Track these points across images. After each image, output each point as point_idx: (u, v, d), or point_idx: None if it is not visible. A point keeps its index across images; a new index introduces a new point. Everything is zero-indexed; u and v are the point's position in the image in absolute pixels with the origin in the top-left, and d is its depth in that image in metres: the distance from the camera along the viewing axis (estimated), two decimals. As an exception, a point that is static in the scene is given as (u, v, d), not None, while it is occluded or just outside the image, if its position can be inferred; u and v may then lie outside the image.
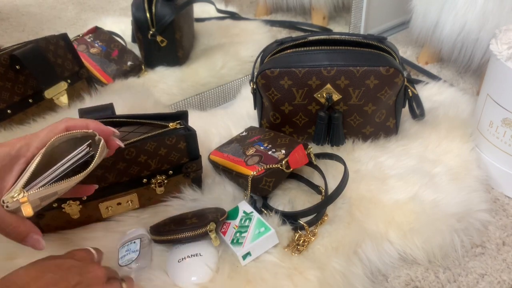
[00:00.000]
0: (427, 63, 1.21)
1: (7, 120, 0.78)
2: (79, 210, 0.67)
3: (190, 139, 0.69)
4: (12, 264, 0.63)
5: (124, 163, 0.66)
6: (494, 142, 0.79)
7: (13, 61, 0.76)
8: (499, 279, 0.67)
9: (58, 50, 0.82)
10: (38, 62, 0.78)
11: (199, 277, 0.60)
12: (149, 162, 0.68)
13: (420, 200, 0.72)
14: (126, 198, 0.70)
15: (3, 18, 0.84)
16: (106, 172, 0.65)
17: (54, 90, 0.81)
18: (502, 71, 0.74)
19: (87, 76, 0.88)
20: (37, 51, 0.78)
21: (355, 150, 0.84)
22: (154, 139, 0.66)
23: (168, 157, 0.69)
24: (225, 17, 1.16)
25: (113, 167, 0.65)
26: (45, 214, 0.66)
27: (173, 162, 0.70)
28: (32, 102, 0.80)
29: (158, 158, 0.68)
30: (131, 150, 0.65)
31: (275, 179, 0.71)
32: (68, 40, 0.84)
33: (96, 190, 0.65)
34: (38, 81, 0.79)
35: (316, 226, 0.69)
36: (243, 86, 1.06)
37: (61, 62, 0.82)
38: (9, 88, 0.77)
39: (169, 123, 0.69)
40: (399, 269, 0.69)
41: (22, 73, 0.78)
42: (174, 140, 0.68)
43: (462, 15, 1.00)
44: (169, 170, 0.71)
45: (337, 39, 0.79)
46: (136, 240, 0.64)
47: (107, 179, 0.66)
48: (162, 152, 0.68)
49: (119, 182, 0.68)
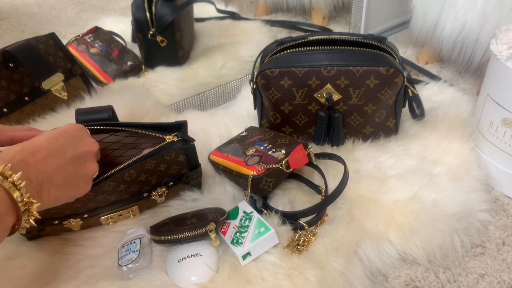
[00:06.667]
0: (427, 63, 1.21)
1: (3, 119, 0.77)
2: (80, 224, 0.67)
3: (189, 151, 0.68)
4: (12, 264, 0.63)
5: (125, 185, 0.65)
6: (494, 142, 0.79)
7: (6, 58, 0.76)
8: (499, 279, 0.67)
9: (49, 48, 0.81)
10: (31, 56, 0.78)
11: (199, 277, 0.60)
12: (150, 179, 0.67)
13: (420, 200, 0.72)
14: (127, 210, 0.70)
15: (3, 18, 0.84)
16: (108, 195, 0.65)
17: (51, 81, 0.80)
18: (502, 71, 0.74)
19: (81, 73, 0.87)
20: (29, 46, 0.78)
21: (355, 150, 0.84)
22: (153, 157, 0.65)
23: (168, 171, 0.69)
24: (225, 17, 1.16)
25: (114, 190, 0.65)
26: (46, 229, 0.66)
27: (173, 175, 0.70)
28: (28, 100, 0.80)
29: (158, 173, 0.68)
30: (131, 172, 0.64)
31: (275, 179, 0.71)
32: (56, 38, 0.84)
33: (98, 208, 0.65)
34: (33, 75, 0.78)
35: (316, 226, 0.69)
36: (243, 86, 1.06)
37: (53, 59, 0.82)
38: (5, 86, 0.77)
39: (166, 135, 0.67)
40: (399, 269, 0.69)
41: (17, 71, 0.78)
42: (174, 154, 0.67)
43: (462, 15, 1.00)
44: (169, 182, 0.70)
45: (337, 39, 0.79)
46: (136, 240, 0.64)
47: (109, 200, 0.66)
48: (162, 168, 0.67)
49: (120, 200, 0.67)
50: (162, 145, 0.66)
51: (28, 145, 0.49)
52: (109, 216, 0.68)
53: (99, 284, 0.60)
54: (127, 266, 0.61)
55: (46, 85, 0.80)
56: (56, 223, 0.65)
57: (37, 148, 0.49)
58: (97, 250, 0.66)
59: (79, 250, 0.66)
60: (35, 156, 0.48)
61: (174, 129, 0.69)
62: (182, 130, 0.70)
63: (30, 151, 0.48)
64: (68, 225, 0.66)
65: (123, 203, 0.68)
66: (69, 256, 0.65)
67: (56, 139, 0.52)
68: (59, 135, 0.53)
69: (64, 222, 0.65)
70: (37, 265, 0.64)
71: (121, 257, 0.62)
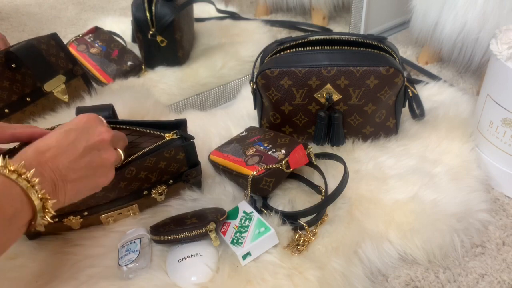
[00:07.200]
0: (427, 63, 1.21)
1: (5, 119, 0.77)
2: (80, 222, 0.67)
3: (188, 148, 0.68)
4: (12, 264, 0.63)
5: (125, 182, 0.65)
6: (494, 142, 0.79)
7: (8, 59, 0.76)
8: (499, 279, 0.67)
9: (50, 48, 0.81)
10: (34, 56, 0.78)
11: (199, 277, 0.60)
12: (150, 176, 0.67)
13: (420, 200, 0.72)
14: (127, 208, 0.70)
15: (3, 18, 0.84)
16: (108, 192, 0.65)
17: (53, 83, 0.80)
18: (502, 71, 0.74)
19: (82, 73, 0.87)
20: (31, 47, 0.78)
21: (355, 150, 0.84)
22: (153, 154, 0.65)
23: (168, 169, 0.69)
24: (225, 17, 1.16)
25: (114, 187, 0.65)
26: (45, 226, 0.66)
27: (173, 172, 0.70)
28: (30, 100, 0.80)
29: (158, 171, 0.68)
30: (131, 169, 0.64)
31: (275, 179, 0.71)
32: (58, 39, 0.84)
33: (97, 205, 0.65)
34: (35, 76, 0.78)
35: (316, 226, 0.69)
36: (243, 86, 1.06)
37: (54, 60, 0.82)
38: (7, 87, 0.77)
39: (166, 133, 0.67)
40: (399, 269, 0.69)
41: (19, 72, 0.78)
42: (173, 152, 0.67)
43: (462, 15, 1.00)
44: (169, 180, 0.70)
45: (337, 39, 0.79)
46: (136, 240, 0.64)
47: (108, 197, 0.66)
48: (162, 165, 0.67)
49: (120, 197, 0.67)
50: (162, 143, 0.66)
51: (40, 144, 0.50)
52: (109, 214, 0.68)
53: (99, 284, 0.60)
54: (127, 266, 0.61)
55: (48, 87, 0.80)
56: (55, 221, 0.65)
57: (47, 147, 0.50)
58: (97, 250, 0.66)
59: (79, 250, 0.66)
60: (46, 155, 0.49)
61: (174, 127, 0.69)
62: (182, 128, 0.70)
63: (42, 150, 0.49)
64: (68, 222, 0.66)
65: (123, 201, 0.68)
66: (69, 256, 0.65)
67: (67, 135, 0.52)
68: (70, 130, 0.53)
69: (64, 220, 0.65)
70: (37, 265, 0.64)
71: (121, 257, 0.62)
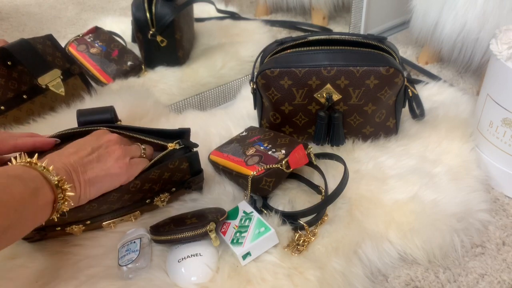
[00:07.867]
0: (427, 63, 1.21)
1: (0, 117, 0.78)
2: (82, 230, 0.67)
3: (192, 159, 0.68)
4: (12, 264, 0.63)
5: (129, 195, 0.65)
6: (494, 142, 0.79)
7: (3, 56, 0.76)
8: (499, 279, 0.67)
9: (46, 48, 0.81)
10: (27, 52, 0.78)
11: (199, 277, 0.60)
12: (153, 187, 0.67)
13: (420, 200, 0.72)
14: (129, 215, 0.70)
15: (3, 18, 0.84)
16: (112, 205, 0.65)
17: (48, 77, 0.80)
18: (502, 71, 0.74)
19: (80, 72, 0.87)
20: (26, 43, 0.78)
21: (355, 150, 0.84)
22: (157, 166, 0.65)
23: (172, 179, 0.68)
24: (225, 17, 1.16)
25: (119, 199, 0.65)
26: (48, 234, 0.66)
27: (176, 181, 0.70)
28: (27, 98, 0.80)
29: (162, 181, 0.68)
30: (136, 182, 0.64)
31: (275, 179, 0.71)
32: (53, 40, 0.84)
33: (100, 215, 0.65)
34: (29, 70, 0.79)
35: (316, 226, 0.69)
36: (243, 86, 1.06)
37: (51, 59, 0.82)
38: (2, 84, 0.77)
39: (168, 142, 0.66)
40: (399, 269, 0.69)
41: (15, 69, 0.78)
42: (177, 162, 0.67)
43: (462, 15, 1.00)
44: (172, 188, 0.70)
45: (337, 39, 0.79)
46: (136, 240, 0.64)
47: (112, 208, 0.66)
48: (166, 176, 0.67)
49: (123, 207, 0.68)
50: (165, 153, 0.66)
51: (53, 152, 0.58)
52: (111, 221, 0.68)
53: (99, 284, 0.60)
54: (127, 266, 0.61)
55: (43, 81, 0.80)
56: (58, 229, 0.65)
57: (60, 152, 0.58)
58: (97, 250, 0.66)
59: (79, 250, 0.66)
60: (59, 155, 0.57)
61: (177, 136, 0.69)
62: (185, 137, 0.69)
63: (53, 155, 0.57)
64: (70, 231, 0.66)
65: (126, 210, 0.68)
66: (69, 256, 0.65)
67: (77, 142, 0.60)
68: (81, 140, 0.61)
69: (66, 228, 0.65)
70: (37, 265, 0.63)
71: (121, 257, 0.62)
